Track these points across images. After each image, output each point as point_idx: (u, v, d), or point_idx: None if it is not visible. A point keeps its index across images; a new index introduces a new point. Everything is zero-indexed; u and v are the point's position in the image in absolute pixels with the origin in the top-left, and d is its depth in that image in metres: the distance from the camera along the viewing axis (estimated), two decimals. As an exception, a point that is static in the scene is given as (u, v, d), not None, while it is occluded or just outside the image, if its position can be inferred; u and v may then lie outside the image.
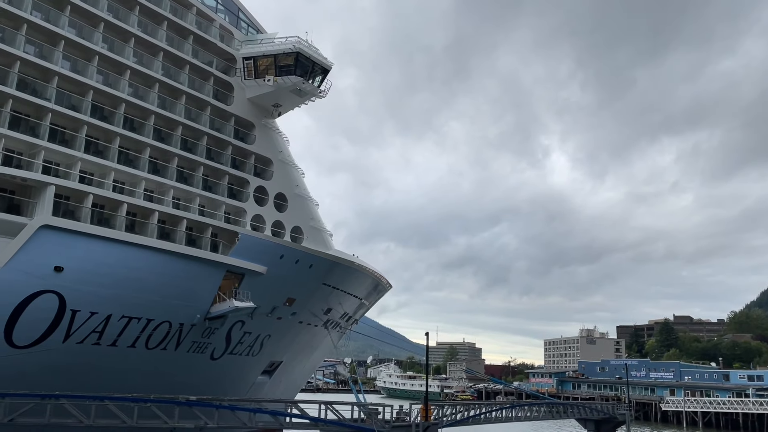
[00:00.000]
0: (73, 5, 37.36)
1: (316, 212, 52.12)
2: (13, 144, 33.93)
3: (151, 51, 41.75)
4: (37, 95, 35.35)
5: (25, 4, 35.11)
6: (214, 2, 47.01)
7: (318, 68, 47.00)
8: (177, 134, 42.12)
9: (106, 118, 38.52)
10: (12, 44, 34.33)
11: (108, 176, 37.63)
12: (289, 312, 47.59)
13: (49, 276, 32.59)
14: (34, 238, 32.24)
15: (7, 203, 33.51)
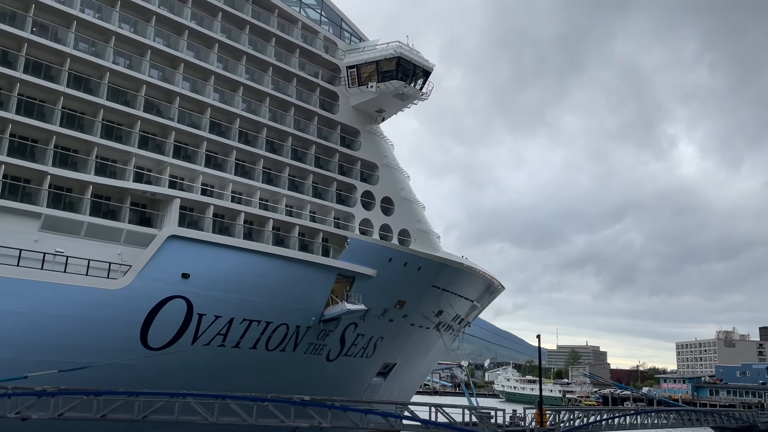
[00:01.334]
0: (191, 29, 40.14)
1: (422, 215, 52.20)
2: (143, 162, 36.99)
3: (261, 67, 43.92)
4: (162, 115, 38.31)
5: (149, 32, 38.19)
6: (318, 15, 48.61)
7: (419, 71, 47.15)
8: (287, 145, 43.96)
9: (223, 133, 40.98)
10: (138, 69, 37.48)
11: (226, 188, 39.99)
12: (400, 314, 47.95)
13: (178, 282, 35.11)
14: (163, 248, 34.91)
15: (139, 216, 36.56)
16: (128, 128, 36.65)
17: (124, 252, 34.14)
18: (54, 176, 32.92)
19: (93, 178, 34.22)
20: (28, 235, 30.97)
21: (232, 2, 42.69)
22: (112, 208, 35.47)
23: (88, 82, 35.66)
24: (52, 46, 34.02)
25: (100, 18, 36.42)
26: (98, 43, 36.31)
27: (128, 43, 37.43)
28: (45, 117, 33.58)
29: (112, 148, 35.54)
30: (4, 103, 32.26)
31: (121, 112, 36.25)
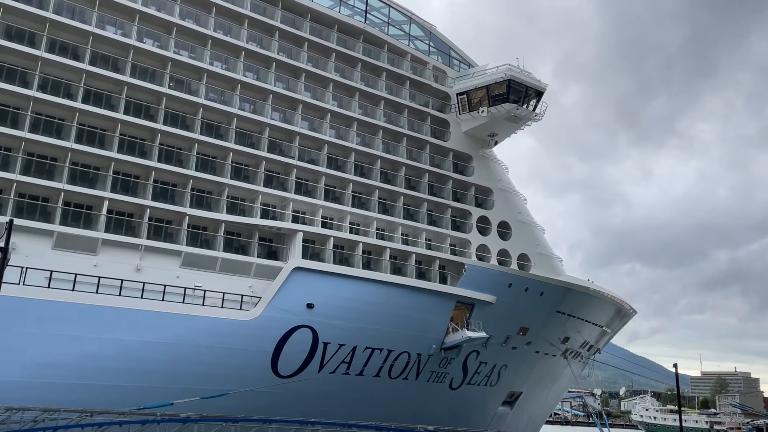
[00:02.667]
0: (307, 72, 42.44)
1: (542, 238, 50.77)
2: (268, 199, 39.30)
3: (373, 101, 45.37)
4: (284, 154, 40.62)
5: (270, 78, 40.85)
6: (427, 46, 49.52)
7: (531, 92, 46.44)
8: (401, 174, 44.82)
9: (340, 167, 42.62)
10: (261, 113, 40.12)
11: (345, 219, 41.40)
12: (524, 341, 46.63)
13: (303, 312, 36.65)
14: (289, 280, 36.68)
15: (266, 250, 38.76)
16: (254, 168, 39.19)
17: (254, 285, 36.27)
18: (192, 216, 35.83)
19: (225, 216, 36.84)
20: (171, 272, 33.84)
21: (344, 42, 44.68)
22: (242, 244, 37.90)
23: (218, 128, 38.69)
24: (186, 98, 37.37)
25: (227, 69, 39.56)
26: (226, 92, 39.39)
27: (252, 90, 40.25)
28: (182, 163, 36.80)
29: (241, 187, 38.12)
30: (148, 152, 35.79)
31: (248, 154, 38.87)
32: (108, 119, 34.61)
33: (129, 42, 35.82)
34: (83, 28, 34.45)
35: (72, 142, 32.99)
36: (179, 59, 37.52)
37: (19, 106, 32.39)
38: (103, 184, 33.81)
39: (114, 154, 34.13)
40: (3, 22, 32.40)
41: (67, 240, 31.55)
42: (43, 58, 32.90)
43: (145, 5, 36.95)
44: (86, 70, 34.04)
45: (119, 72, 35.37)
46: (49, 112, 33.36)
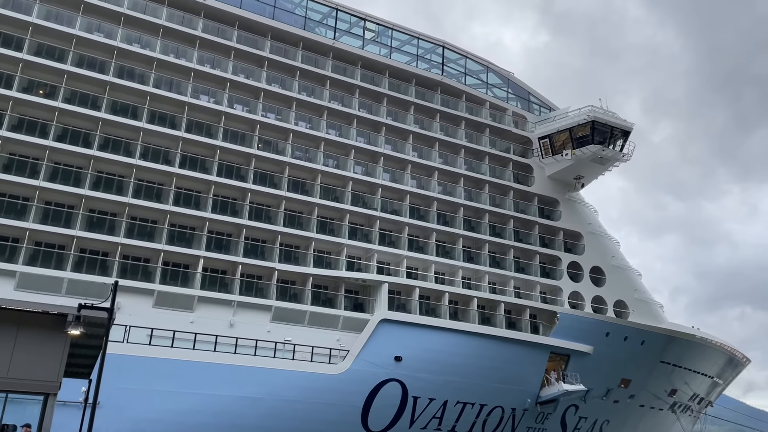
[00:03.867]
0: (388, 126, 43.30)
1: (639, 283, 48.12)
2: (353, 251, 39.75)
3: (453, 150, 45.48)
4: (367, 207, 41.17)
5: (351, 134, 41.98)
6: (505, 93, 49.46)
7: (617, 132, 45.06)
8: (485, 221, 44.18)
9: (423, 217, 42.61)
10: (344, 168, 41.08)
11: (430, 269, 41.07)
12: (626, 394, 43.72)
13: (391, 365, 36.20)
14: (376, 332, 36.52)
15: (353, 302, 38.92)
16: (339, 222, 39.91)
17: (342, 338, 36.35)
18: (281, 271, 36.71)
19: (312, 270, 37.49)
20: (262, 327, 34.58)
21: (422, 95, 45.43)
22: (329, 297, 38.29)
23: (304, 185, 39.91)
24: (274, 158, 38.94)
25: (311, 127, 41.07)
26: (310, 150, 40.77)
27: (335, 146, 41.45)
28: (271, 219, 38.05)
29: (327, 241, 38.82)
30: (239, 211, 37.32)
31: (332, 207, 39.72)
32: (203, 182, 36.52)
33: (221, 108, 38.01)
34: (180, 99, 36.97)
35: (170, 204, 34.97)
36: (267, 122, 39.33)
37: (123, 173, 34.86)
38: (198, 243, 35.43)
39: (208, 214, 35.81)
40: (110, 98, 35.31)
41: (166, 298, 33.07)
42: (144, 129, 35.45)
43: (235, 74, 39.30)
44: (182, 137, 36.31)
45: (212, 137, 37.49)
46: (150, 178, 35.65)
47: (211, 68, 38.82)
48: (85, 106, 34.51)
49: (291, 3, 42.90)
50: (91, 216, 33.47)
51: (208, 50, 39.09)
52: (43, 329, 17.71)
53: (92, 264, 32.62)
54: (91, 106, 34.73)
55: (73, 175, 33.44)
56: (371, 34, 44.73)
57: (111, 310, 17.28)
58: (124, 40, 36.56)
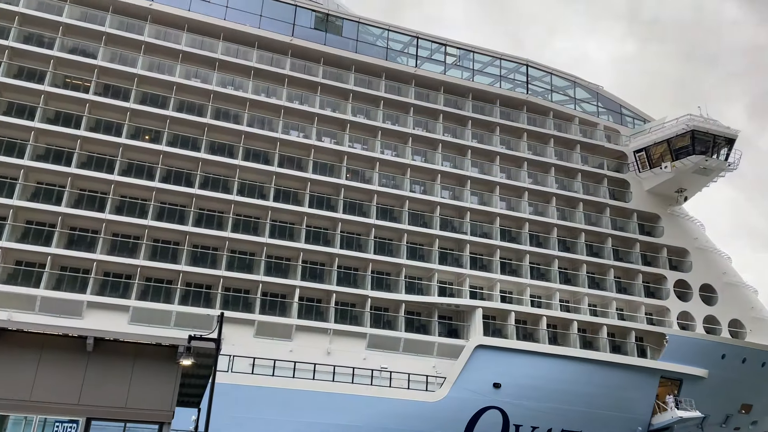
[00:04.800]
0: (473, 148, 43.01)
1: (756, 300, 44.58)
2: (444, 276, 39.42)
3: (543, 169, 44.43)
4: (456, 231, 40.85)
5: (437, 158, 42.00)
6: (595, 107, 47.94)
7: (720, 140, 42.40)
8: (581, 241, 42.61)
9: (514, 239, 41.72)
10: (431, 193, 41.07)
11: (524, 292, 39.98)
12: (748, 421, 40.30)
13: (490, 392, 35.32)
14: (472, 358, 35.85)
15: (447, 328, 38.48)
16: (428, 247, 39.82)
17: (437, 364, 35.94)
18: (374, 298, 36.96)
19: (405, 296, 37.50)
20: (358, 354, 34.85)
21: (507, 115, 44.87)
22: (423, 323, 38.07)
23: (392, 212, 40.22)
24: (362, 186, 39.59)
25: (397, 155, 41.51)
26: (397, 177, 41.15)
27: (421, 172, 41.64)
28: (362, 248, 38.51)
29: (417, 267, 38.78)
30: (331, 241, 38.09)
31: (422, 233, 39.71)
32: (296, 214, 37.64)
33: (310, 142, 39.24)
34: (272, 135, 38.52)
35: (266, 237, 36.26)
36: (354, 152, 40.16)
37: (222, 209, 36.60)
38: (294, 273, 36.41)
39: (302, 244, 36.80)
40: (209, 139, 37.35)
41: (266, 328, 34.12)
42: (240, 166, 37.16)
43: (322, 108, 40.56)
44: (276, 171, 37.72)
45: (303, 170, 38.70)
46: (247, 212, 37.16)
47: (300, 104, 40.31)
48: (186, 148, 36.71)
49: (372, 35, 43.93)
50: (194, 251, 35.27)
51: (296, 87, 40.61)
52: (156, 360, 18.68)
53: (197, 297, 34.29)
54: (191, 148, 36.89)
55: (177, 213, 35.49)
56: (452, 59, 44.92)
57: (218, 341, 17.99)
58: (219, 84, 38.73)
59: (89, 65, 36.14)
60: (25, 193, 33.09)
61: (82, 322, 30.61)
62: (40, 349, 17.75)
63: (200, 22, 38.86)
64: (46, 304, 30.98)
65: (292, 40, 40.52)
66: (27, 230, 32.92)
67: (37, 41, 36.00)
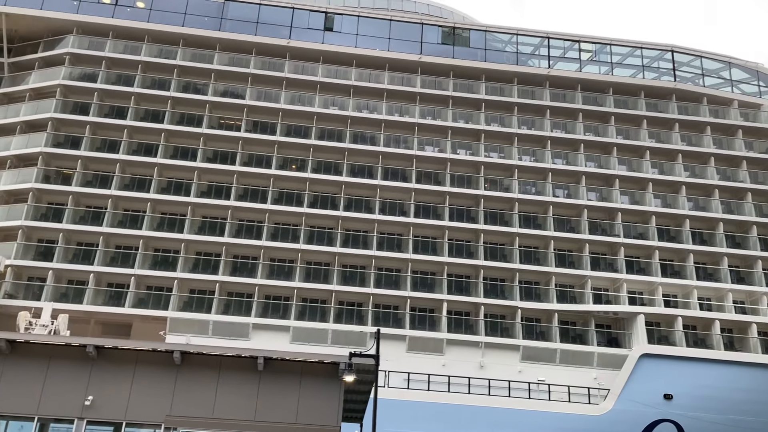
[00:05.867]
0: (618, 145, 40.62)
1: None
2: (598, 282, 37.40)
3: (701, 160, 40.87)
4: (607, 234, 38.65)
5: (579, 159, 40.19)
6: (756, 87, 43.34)
7: None
8: (752, 235, 38.49)
9: (674, 238, 38.63)
10: (576, 196, 39.31)
11: (691, 295, 36.81)
12: None
13: (661, 404, 32.76)
14: (637, 368, 33.51)
15: (606, 337, 36.38)
16: (578, 253, 38.06)
17: (598, 375, 34.06)
18: (524, 309, 35.95)
19: (556, 306, 36.07)
20: (512, 367, 34.02)
21: (654, 106, 41.93)
22: (578, 333, 36.34)
23: (536, 219, 39.04)
24: (503, 196, 38.92)
25: (536, 160, 40.36)
26: (537, 182, 39.93)
27: (564, 175, 40.09)
28: (506, 258, 37.71)
29: (567, 274, 37.19)
30: (474, 253, 37.72)
31: (569, 239, 38.09)
32: (438, 228, 37.84)
33: (446, 156, 39.41)
34: (409, 153, 39.23)
35: (410, 253, 36.77)
36: (490, 161, 39.70)
37: (367, 229, 37.76)
38: (440, 287, 36.51)
39: (446, 258, 36.80)
40: (349, 162, 38.80)
41: (417, 343, 34.47)
42: (380, 186, 38.18)
43: (455, 120, 40.62)
44: (414, 188, 38.30)
45: (441, 184, 38.93)
46: (390, 230, 37.95)
47: (433, 119, 40.67)
48: (329, 173, 38.44)
49: (500, 42, 43.32)
50: (344, 271, 36.64)
51: (428, 104, 41.07)
52: (320, 377, 19.57)
53: (350, 314, 35.52)
54: (334, 173, 38.56)
55: (325, 235, 37.15)
56: (588, 54, 42.94)
57: (377, 357, 18.42)
58: (355, 109, 40.20)
59: (239, 105, 39.23)
60: (192, 227, 36.46)
61: (249, 343, 32.97)
62: (218, 369, 19.34)
63: (334, 52, 40.71)
64: (218, 328, 33.75)
65: (421, 57, 41.07)
66: (197, 261, 36.18)
67: (193, 89, 39.78)
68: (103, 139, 37.74)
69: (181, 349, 19.12)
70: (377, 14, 42.41)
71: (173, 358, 18.90)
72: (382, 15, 42.24)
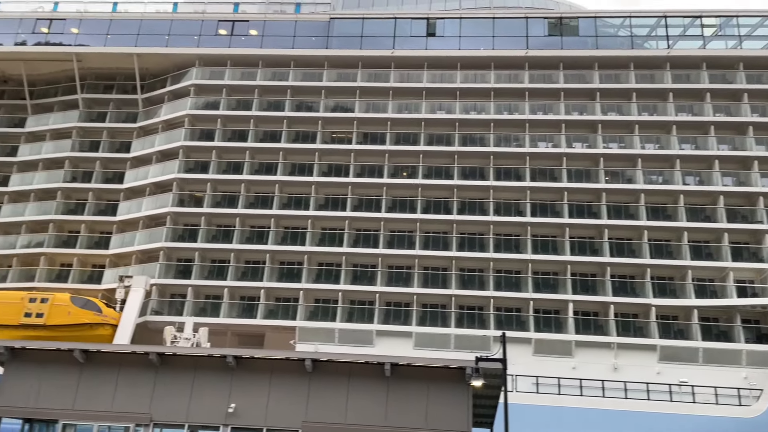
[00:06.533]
0: (755, 124, 37.22)
1: None
2: (742, 274, 34.34)
3: None
4: (747, 221, 35.45)
5: (710, 142, 37.21)
6: None
7: None
8: None
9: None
10: (709, 182, 36.41)
11: None
12: None
13: (825, 407, 29.38)
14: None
15: (754, 333, 33.24)
16: (715, 243, 35.24)
17: (749, 375, 31.21)
18: (658, 306, 33.77)
19: (695, 301, 33.56)
20: (649, 368, 32.01)
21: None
22: (722, 330, 33.54)
23: (665, 210, 36.62)
24: (626, 188, 36.93)
25: (660, 147, 37.93)
26: (665, 171, 37.45)
27: (694, 161, 37.42)
28: (635, 253, 35.67)
29: (705, 267, 34.56)
30: (598, 250, 36.01)
31: (704, 229, 35.44)
32: (557, 226, 36.64)
33: (561, 151, 38.09)
34: (521, 151, 38.37)
35: (529, 253, 35.84)
36: (610, 153, 37.87)
37: (482, 231, 37.27)
38: (564, 287, 35.20)
39: (568, 257, 35.53)
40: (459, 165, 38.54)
41: (544, 345, 33.42)
42: (493, 187, 37.58)
43: (568, 113, 39.17)
44: (530, 186, 37.37)
45: (557, 180, 37.60)
46: (507, 231, 37.23)
47: (544, 114, 39.54)
48: (440, 178, 38.45)
49: (612, 27, 41.20)
50: (462, 274, 36.37)
51: (538, 99, 39.92)
52: (446, 383, 19.50)
53: (471, 318, 35.17)
54: (445, 177, 38.50)
55: (441, 240, 37.10)
56: (711, 30, 39.73)
57: (504, 361, 18.05)
58: (462, 111, 39.94)
59: (349, 119, 40.29)
60: (313, 239, 37.83)
61: (373, 349, 33.61)
62: (348, 376, 19.83)
63: (437, 57, 40.71)
64: (343, 335, 34.70)
65: (528, 52, 39.99)
66: (319, 271, 37.49)
67: (305, 107, 41.39)
68: (228, 161, 40.23)
69: (312, 357, 19.82)
70: (480, 14, 41.91)
71: (305, 366, 19.64)
72: (484, 14, 41.66)
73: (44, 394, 20.15)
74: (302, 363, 19.75)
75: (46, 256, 39.28)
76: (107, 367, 20.32)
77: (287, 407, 19.39)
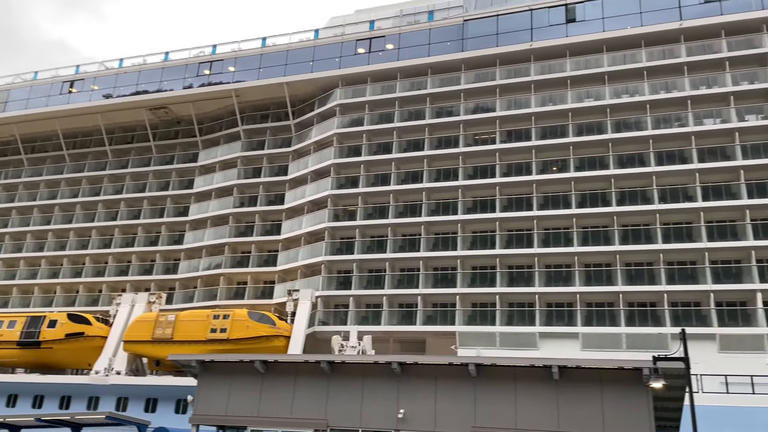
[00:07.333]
0: None
1: None
2: None
3: None
4: None
5: None
6: None
7: None
8: None
9: None
10: None
11: None
12: None
13: None
14: None
15: None
16: None
17: None
18: None
19: None
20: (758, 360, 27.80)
21: None
22: None
23: None
24: None
25: None
26: None
27: None
28: None
29: None
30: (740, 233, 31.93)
31: None
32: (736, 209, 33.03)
33: (733, 126, 34.36)
34: (686, 131, 35.21)
35: (705, 241, 32.69)
36: None
37: (648, 222, 34.68)
38: (749, 276, 31.62)
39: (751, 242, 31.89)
40: (615, 154, 36.29)
41: (731, 341, 30.24)
42: (656, 173, 34.86)
43: (736, 84, 35.31)
44: (698, 168, 34.10)
45: (730, 159, 33.91)
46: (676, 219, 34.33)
47: (707, 89, 36.14)
48: (593, 169, 36.47)
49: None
50: (628, 269, 34.08)
51: (698, 72, 36.59)
52: (622, 385, 18.27)
53: (642, 316, 32.81)
54: (599, 167, 36.43)
55: (601, 235, 35.12)
56: None
57: (687, 359, 16.54)
58: (613, 95, 37.61)
59: (491, 119, 39.64)
60: (464, 243, 37.61)
61: (538, 352, 32.53)
62: (513, 380, 19.33)
63: (580, 43, 38.75)
64: (505, 339, 34.02)
65: (682, 24, 36.74)
66: (473, 275, 37.16)
67: (446, 113, 41.44)
68: (376, 174, 41.43)
69: (476, 362, 19.60)
70: (623, -9, 39.27)
71: (468, 371, 19.47)
72: (628, -10, 38.97)
73: (233, 402, 21.96)
74: (465, 368, 19.61)
75: (224, 276, 43.08)
76: (284, 376, 21.68)
77: (455, 412, 19.33)
